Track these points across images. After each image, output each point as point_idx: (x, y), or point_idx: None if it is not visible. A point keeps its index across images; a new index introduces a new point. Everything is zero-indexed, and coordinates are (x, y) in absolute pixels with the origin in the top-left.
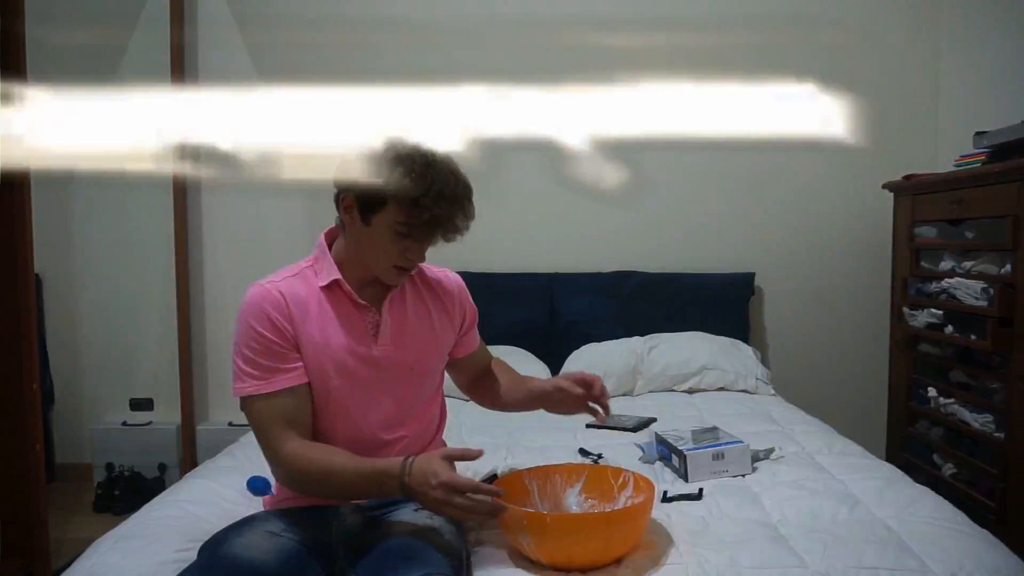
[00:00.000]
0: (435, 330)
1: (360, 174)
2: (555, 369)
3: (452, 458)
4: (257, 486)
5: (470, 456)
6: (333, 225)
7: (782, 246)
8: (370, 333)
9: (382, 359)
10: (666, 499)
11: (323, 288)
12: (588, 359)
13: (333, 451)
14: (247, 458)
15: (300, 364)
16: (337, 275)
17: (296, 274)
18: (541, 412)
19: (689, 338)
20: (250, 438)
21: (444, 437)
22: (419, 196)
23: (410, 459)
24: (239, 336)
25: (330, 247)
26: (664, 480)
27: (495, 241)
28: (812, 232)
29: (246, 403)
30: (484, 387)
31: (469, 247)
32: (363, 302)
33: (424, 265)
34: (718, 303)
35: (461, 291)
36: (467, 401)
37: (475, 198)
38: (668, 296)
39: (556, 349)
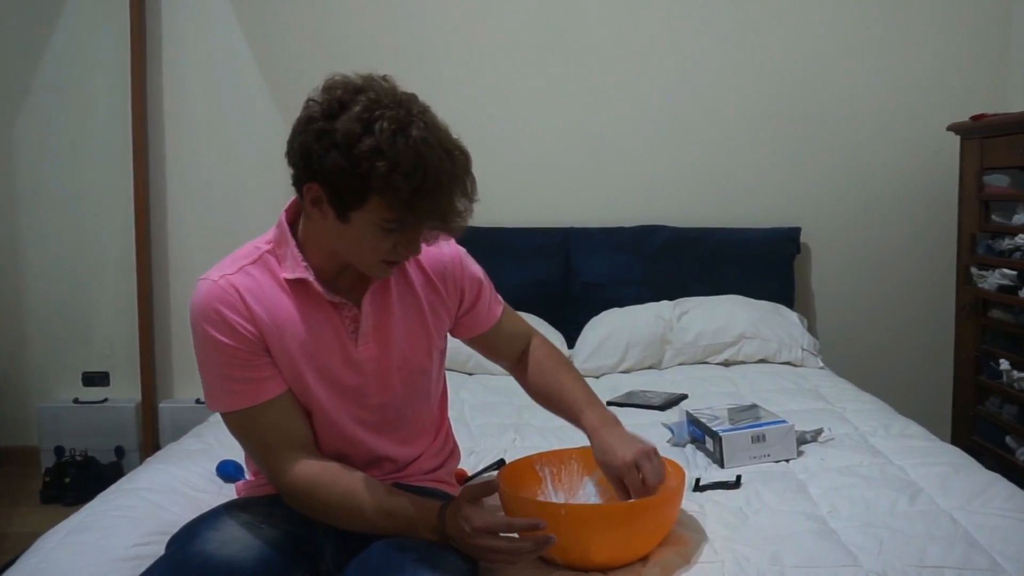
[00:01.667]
0: (426, 321)
1: (326, 162)
2: (571, 339)
3: (475, 496)
4: (228, 471)
5: (489, 490)
6: (295, 196)
7: (831, 197)
8: (349, 330)
9: (365, 361)
10: (698, 487)
11: (289, 282)
12: (608, 327)
13: (352, 480)
14: (217, 440)
15: (274, 370)
16: (304, 273)
17: (255, 260)
18: None
19: (725, 302)
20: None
21: (451, 428)
22: (412, 194)
23: (445, 508)
24: (197, 343)
25: (293, 225)
26: (696, 466)
27: (501, 191)
28: (866, 181)
29: (225, 418)
30: (519, 377)
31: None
32: (337, 299)
33: None
34: (758, 262)
35: (456, 265)
36: (470, 376)
37: (479, 143)
38: (700, 254)
39: (572, 315)
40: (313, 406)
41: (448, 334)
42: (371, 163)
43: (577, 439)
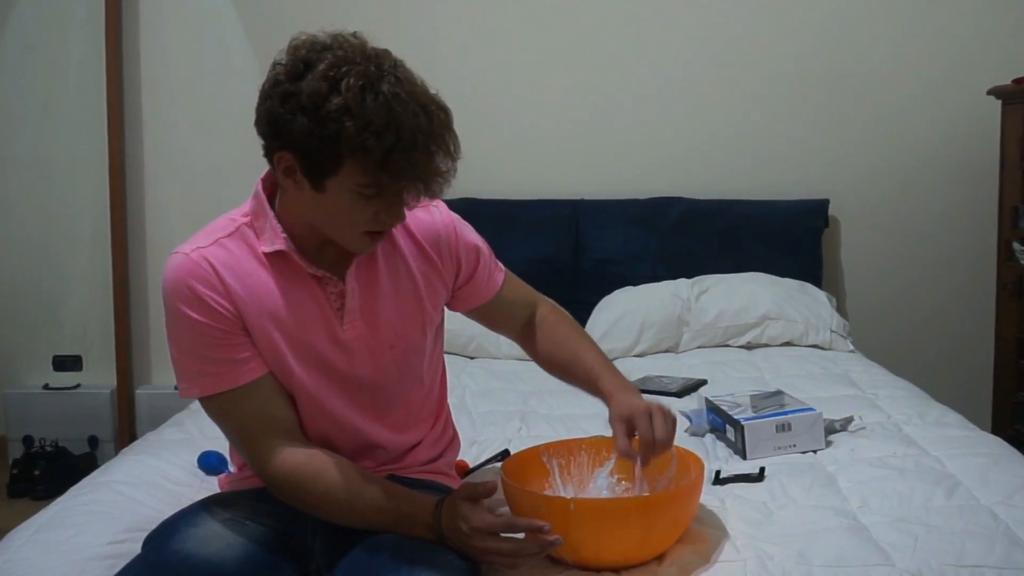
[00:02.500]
0: (419, 294)
1: (294, 127)
2: (580, 319)
3: (474, 496)
4: (210, 463)
5: (486, 492)
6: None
7: (863, 166)
8: (334, 307)
9: (352, 341)
10: (719, 480)
11: (268, 255)
12: (621, 307)
13: (342, 470)
14: (199, 429)
15: (253, 351)
16: (283, 244)
17: (231, 233)
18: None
19: (747, 281)
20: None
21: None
22: (385, 154)
23: (441, 505)
24: (169, 323)
25: (271, 197)
26: (716, 457)
27: (505, 160)
28: (900, 149)
29: (203, 404)
30: (528, 347)
31: (473, 169)
32: (321, 272)
33: None
34: (783, 237)
35: (451, 233)
36: (471, 360)
37: (481, 108)
38: (721, 229)
39: (582, 295)
40: (296, 389)
41: (446, 308)
42: (339, 124)
43: (588, 428)
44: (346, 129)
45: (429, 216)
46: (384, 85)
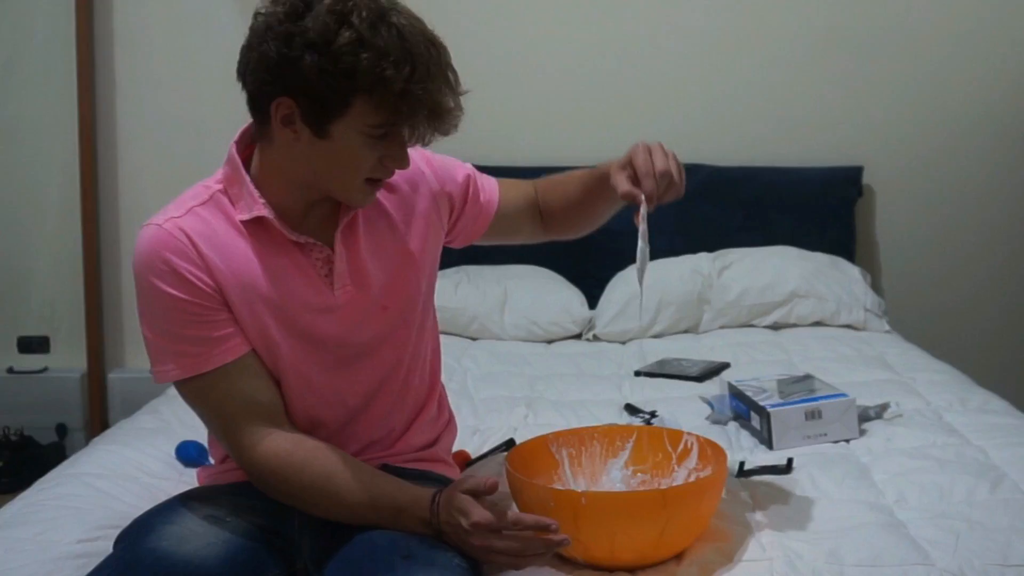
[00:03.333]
0: (406, 248)
1: (301, 67)
2: (592, 297)
3: (475, 492)
4: (189, 454)
5: (489, 489)
6: (245, 126)
7: (900, 130)
8: (321, 274)
9: (344, 306)
10: (743, 472)
11: (246, 223)
12: (636, 282)
13: (332, 458)
14: (176, 417)
15: (235, 327)
16: (263, 210)
17: (206, 201)
18: (573, 359)
19: (773, 255)
20: None
21: (447, 392)
22: (404, 85)
23: (438, 497)
24: (142, 300)
25: (246, 162)
26: (740, 447)
27: (511, 125)
28: (941, 110)
29: (180, 388)
30: (547, 223)
31: (477, 135)
32: (304, 239)
33: None
34: (813, 208)
35: (435, 169)
36: (473, 341)
37: (484, 71)
38: (745, 198)
39: (592, 269)
40: (282, 365)
41: (461, 246)
42: (355, 56)
43: (600, 416)
44: (361, 62)
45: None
46: (393, 17)
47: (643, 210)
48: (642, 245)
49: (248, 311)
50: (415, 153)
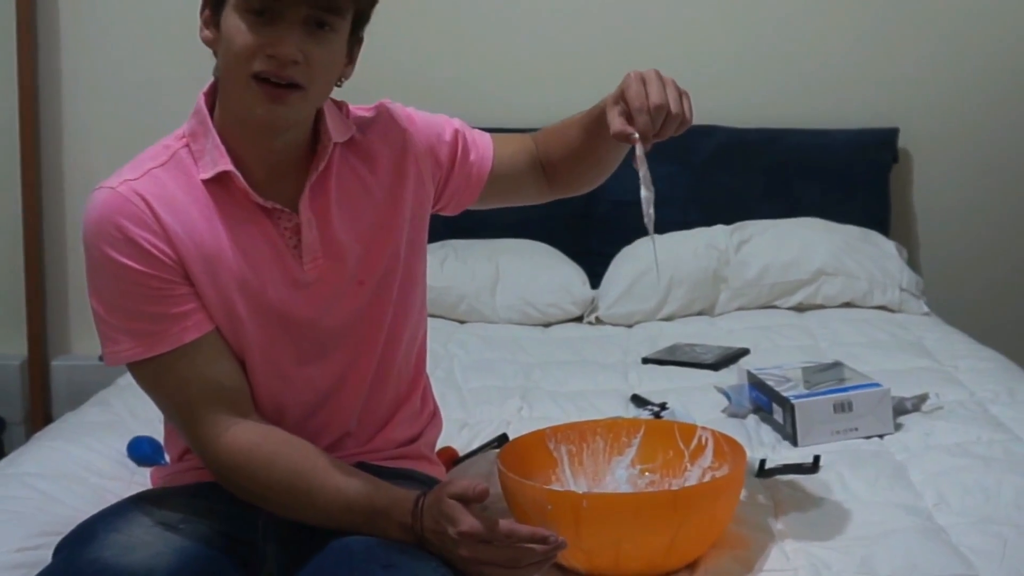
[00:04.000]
0: (389, 213)
1: None
2: (595, 275)
3: (463, 498)
4: (142, 452)
5: (479, 496)
6: (214, 77)
7: (940, 88)
8: (289, 246)
9: (315, 283)
10: (764, 472)
11: (208, 182)
12: (645, 258)
13: (303, 454)
14: (128, 410)
15: (197, 303)
16: (227, 164)
17: (165, 162)
18: (573, 344)
19: (798, 228)
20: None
21: (432, 382)
22: None
23: (421, 500)
24: (92, 273)
25: (212, 112)
26: (761, 443)
27: (501, 80)
28: (985, 66)
29: (134, 372)
30: (551, 179)
31: (464, 93)
32: (271, 204)
33: (353, 115)
34: (843, 175)
35: (418, 126)
36: (461, 324)
37: (472, 23)
38: (766, 164)
39: (596, 245)
40: (248, 347)
41: (458, 211)
42: None
43: (604, 408)
44: None
45: (377, 120)
46: None
47: (639, 151)
48: (645, 193)
49: (211, 285)
50: (396, 109)
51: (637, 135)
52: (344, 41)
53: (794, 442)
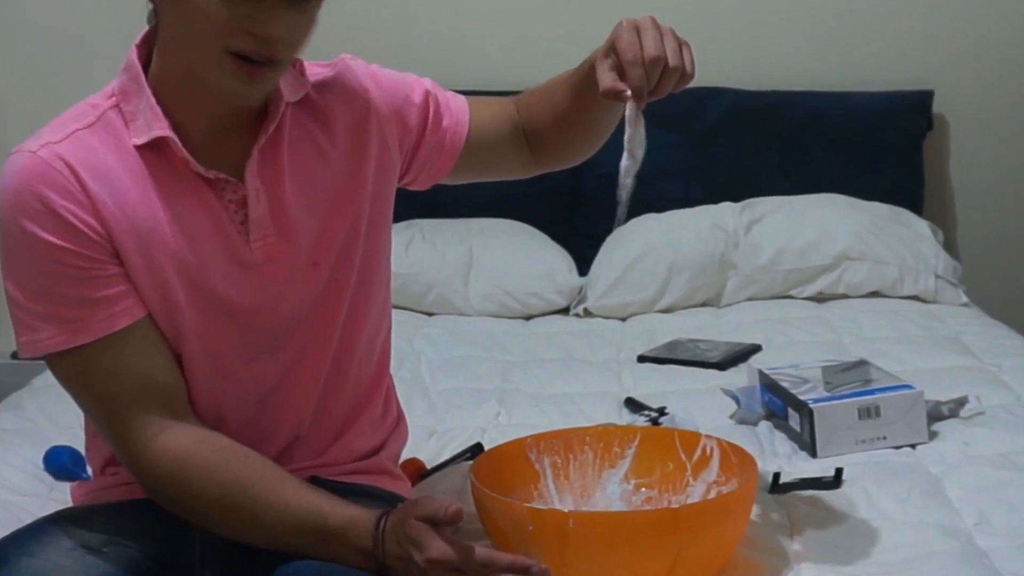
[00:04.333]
0: (347, 184)
1: None
2: (583, 261)
3: (433, 520)
4: (61, 463)
5: (453, 518)
6: (150, 27)
7: (982, 44)
8: (235, 221)
9: (264, 264)
10: (778, 487)
11: (143, 148)
12: (640, 242)
13: (248, 463)
14: (45, 415)
15: (127, 285)
16: (164, 128)
17: (93, 123)
18: (558, 340)
19: (817, 206)
20: (51, 380)
21: (395, 384)
22: None
23: (383, 521)
24: (7, 249)
25: (147, 68)
26: (775, 454)
27: (478, 38)
28: None
29: (53, 366)
30: (536, 149)
31: (434, 49)
32: (213, 174)
33: (308, 72)
34: (868, 144)
35: (383, 86)
36: (429, 316)
37: None
38: (781, 132)
39: (584, 225)
40: (185, 338)
41: (415, 186)
42: None
43: (593, 414)
44: None
45: (336, 78)
46: None
47: (629, 110)
48: (626, 162)
49: (145, 265)
50: (357, 66)
51: (629, 92)
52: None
53: (813, 453)
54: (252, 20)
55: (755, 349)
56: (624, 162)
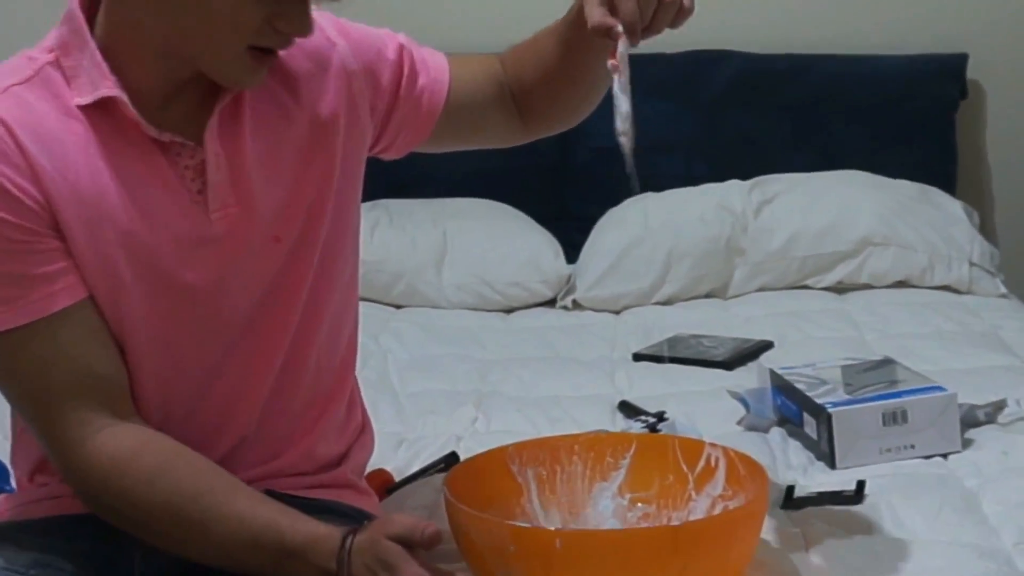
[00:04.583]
0: (314, 150)
1: None
2: (571, 246)
3: (407, 541)
4: None
5: (430, 541)
6: None
7: (1021, 2)
8: (192, 189)
9: (224, 238)
10: (792, 502)
11: (87, 109)
12: (637, 224)
13: (197, 470)
14: None
15: (68, 261)
16: (112, 89)
17: (30, 78)
18: (543, 336)
19: (836, 184)
20: None
21: (361, 385)
22: None
23: (349, 540)
24: None
25: (92, 20)
26: (788, 465)
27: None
28: None
29: None
30: (524, 111)
31: (413, 12)
32: (168, 137)
33: None
34: (895, 114)
35: (353, 40)
36: (397, 309)
37: None
38: (795, 101)
39: (574, 206)
40: (130, 323)
41: (387, 155)
42: None
43: (584, 420)
44: None
45: (314, 37)
46: None
47: (621, 47)
48: (624, 108)
49: (88, 239)
50: (323, 19)
51: (620, 28)
52: None
53: (831, 463)
54: (285, 18)
55: (766, 346)
56: (620, 108)
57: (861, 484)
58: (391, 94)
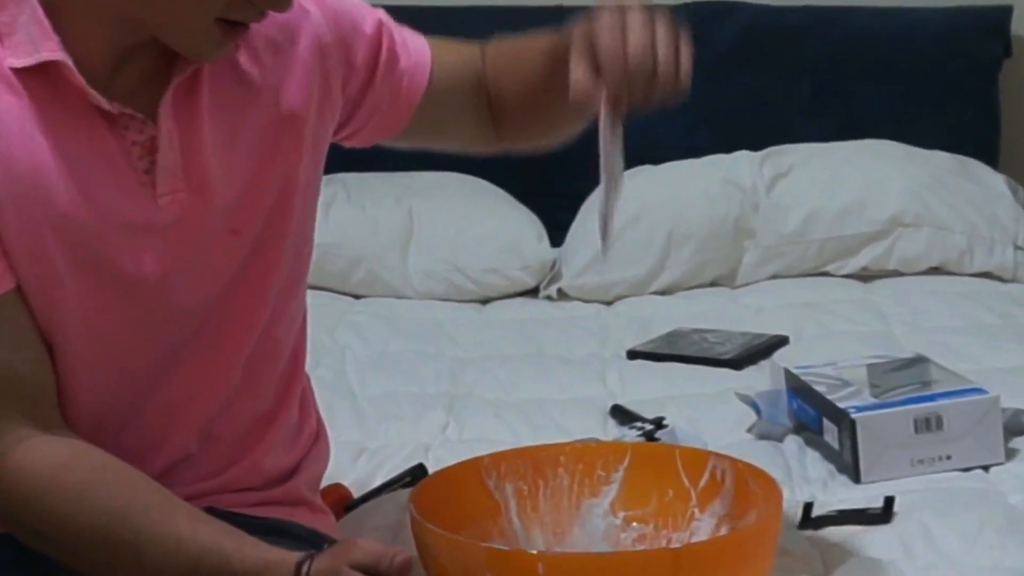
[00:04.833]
0: (280, 129)
1: None
2: (557, 228)
3: (372, 571)
4: None
5: (400, 571)
6: None
7: None
8: (138, 169)
9: (173, 225)
10: (810, 521)
11: (24, 73)
12: (633, 201)
13: (131, 486)
14: None
15: None
16: (54, 50)
17: None
18: (524, 330)
19: (861, 155)
20: None
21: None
22: None
23: (305, 566)
24: None
25: None
26: (806, 479)
27: None
28: None
29: None
30: (498, 118)
31: None
32: (116, 108)
33: None
34: (927, 76)
35: (327, 10)
36: (357, 299)
37: None
38: (813, 60)
39: (560, 182)
40: (62, 320)
41: (353, 143)
42: None
43: (569, 427)
44: None
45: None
46: None
47: (603, 117)
48: (605, 178)
49: (18, 223)
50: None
51: (603, 95)
52: None
53: (855, 477)
54: None
55: (780, 342)
56: (602, 177)
57: (889, 501)
58: (366, 74)
